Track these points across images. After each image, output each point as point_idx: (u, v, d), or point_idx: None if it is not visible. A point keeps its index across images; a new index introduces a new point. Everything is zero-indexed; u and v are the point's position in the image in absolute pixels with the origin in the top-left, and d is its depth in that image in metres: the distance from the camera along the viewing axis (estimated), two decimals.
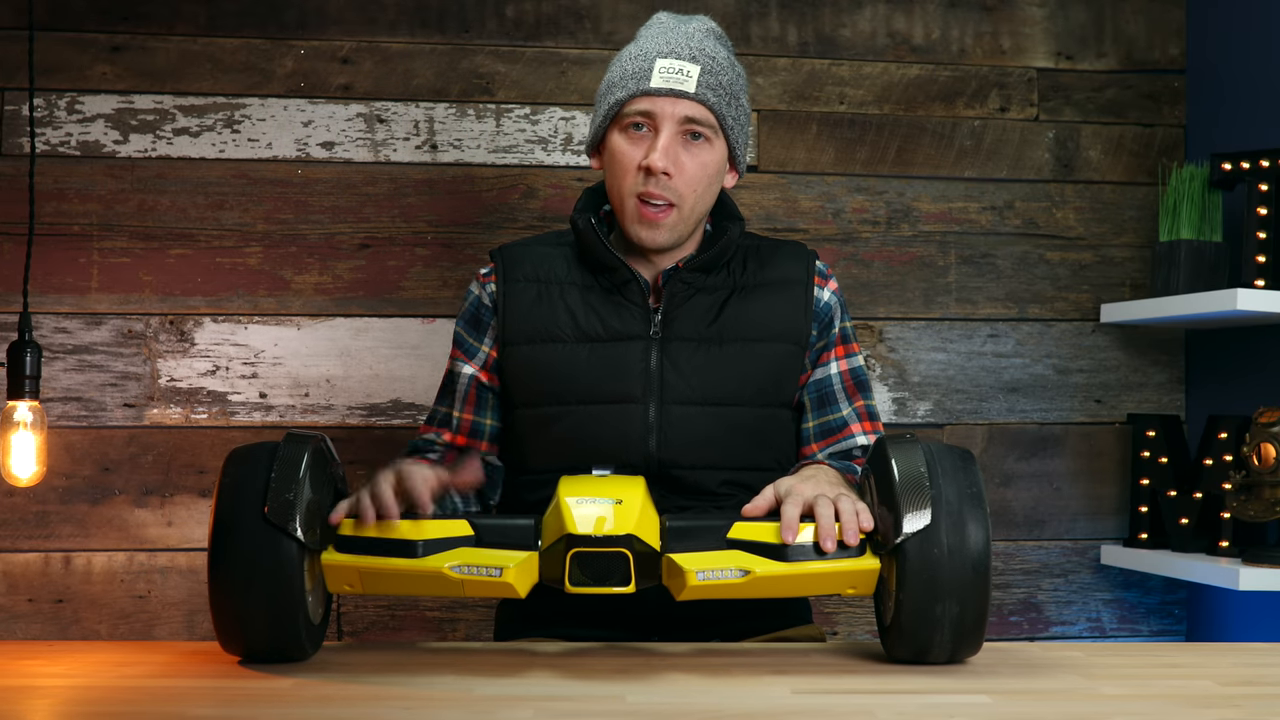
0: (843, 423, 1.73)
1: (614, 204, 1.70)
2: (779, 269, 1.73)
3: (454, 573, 1.26)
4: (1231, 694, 1.22)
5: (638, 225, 1.66)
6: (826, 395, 1.73)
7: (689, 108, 1.64)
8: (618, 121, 1.67)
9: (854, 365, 1.75)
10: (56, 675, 1.26)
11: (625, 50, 1.70)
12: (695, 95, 1.64)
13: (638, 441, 1.64)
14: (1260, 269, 2.22)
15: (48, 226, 2.30)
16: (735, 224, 1.72)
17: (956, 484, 1.26)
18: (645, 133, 1.66)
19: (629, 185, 1.66)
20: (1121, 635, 2.55)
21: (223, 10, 2.38)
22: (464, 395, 1.75)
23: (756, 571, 1.26)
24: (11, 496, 2.29)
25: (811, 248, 2.18)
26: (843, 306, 1.77)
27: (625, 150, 1.66)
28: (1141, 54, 2.60)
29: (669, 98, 1.64)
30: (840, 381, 1.74)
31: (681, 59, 1.65)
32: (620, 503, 1.28)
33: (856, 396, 1.74)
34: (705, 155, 1.66)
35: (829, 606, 2.46)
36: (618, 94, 1.66)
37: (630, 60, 1.67)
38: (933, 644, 1.27)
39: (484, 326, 1.75)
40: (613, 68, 1.70)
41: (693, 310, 1.69)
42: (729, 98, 1.68)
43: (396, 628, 2.38)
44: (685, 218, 1.67)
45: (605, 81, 1.71)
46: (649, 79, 1.64)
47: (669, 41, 1.67)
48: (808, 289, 1.73)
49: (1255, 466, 2.17)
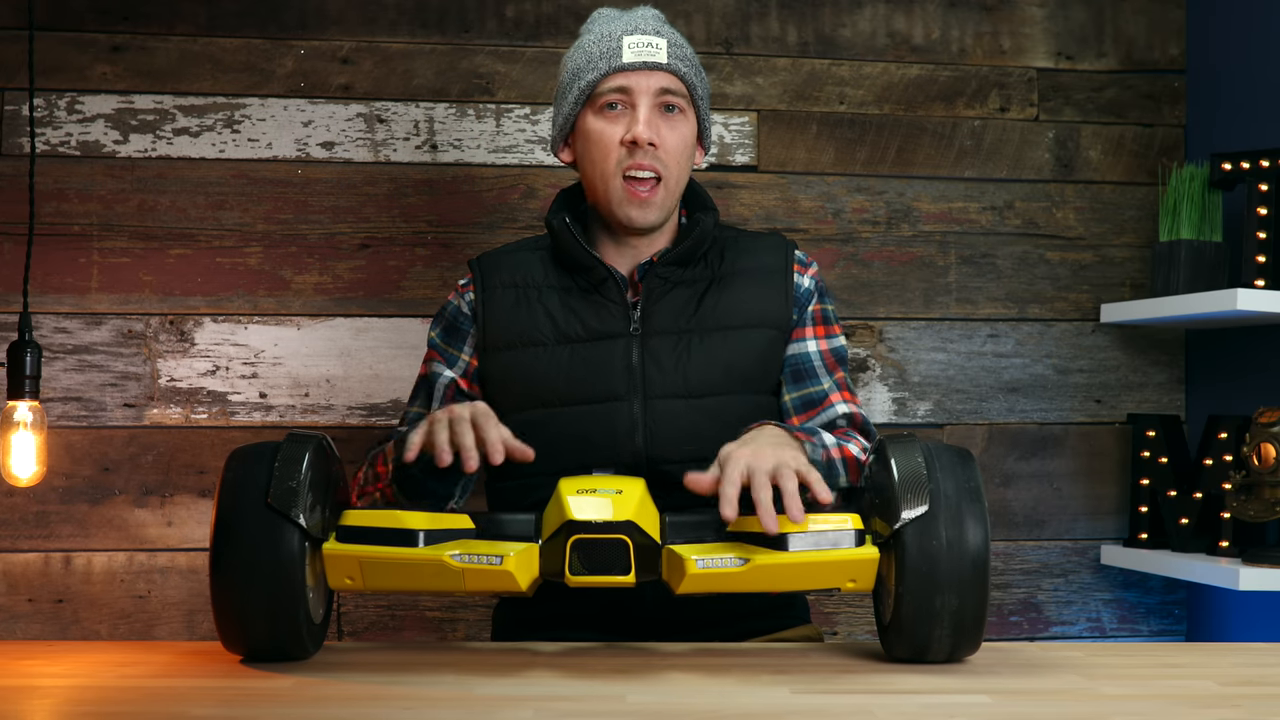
0: (823, 394, 1.72)
1: (597, 190, 1.69)
2: (758, 258, 1.73)
3: (455, 561, 1.26)
4: (1231, 694, 1.22)
5: (627, 206, 1.66)
6: (805, 370, 1.72)
7: (663, 79, 1.66)
8: (591, 104, 1.68)
9: (834, 345, 1.74)
10: (56, 675, 1.26)
11: (582, 39, 1.71)
12: (668, 66, 1.66)
13: (625, 439, 1.64)
14: (1260, 269, 2.22)
15: (48, 226, 2.30)
16: (709, 214, 1.72)
17: (955, 479, 1.27)
18: (621, 111, 1.66)
19: (613, 164, 1.66)
20: (1121, 635, 2.55)
21: (223, 10, 2.38)
22: (441, 398, 1.73)
23: (755, 560, 1.26)
24: (11, 496, 2.29)
25: (812, 248, 2.17)
26: (821, 291, 1.76)
27: (604, 130, 1.66)
28: (1141, 54, 2.60)
29: (643, 71, 1.65)
30: (821, 359, 1.73)
31: (648, 34, 1.67)
32: (620, 493, 1.29)
33: (837, 370, 1.74)
34: (682, 127, 1.68)
35: (828, 606, 2.46)
36: (589, 75, 1.66)
37: (595, 43, 1.68)
38: (932, 640, 1.27)
39: (462, 335, 1.74)
40: (573, 56, 1.71)
41: (672, 304, 1.69)
42: (696, 70, 1.71)
43: (396, 628, 2.38)
44: (671, 192, 1.68)
45: (568, 70, 1.71)
46: (620, 55, 1.65)
47: (630, 22, 1.69)
48: (788, 276, 1.73)
49: (1255, 466, 2.17)
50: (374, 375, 2.38)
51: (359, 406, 2.38)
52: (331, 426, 2.37)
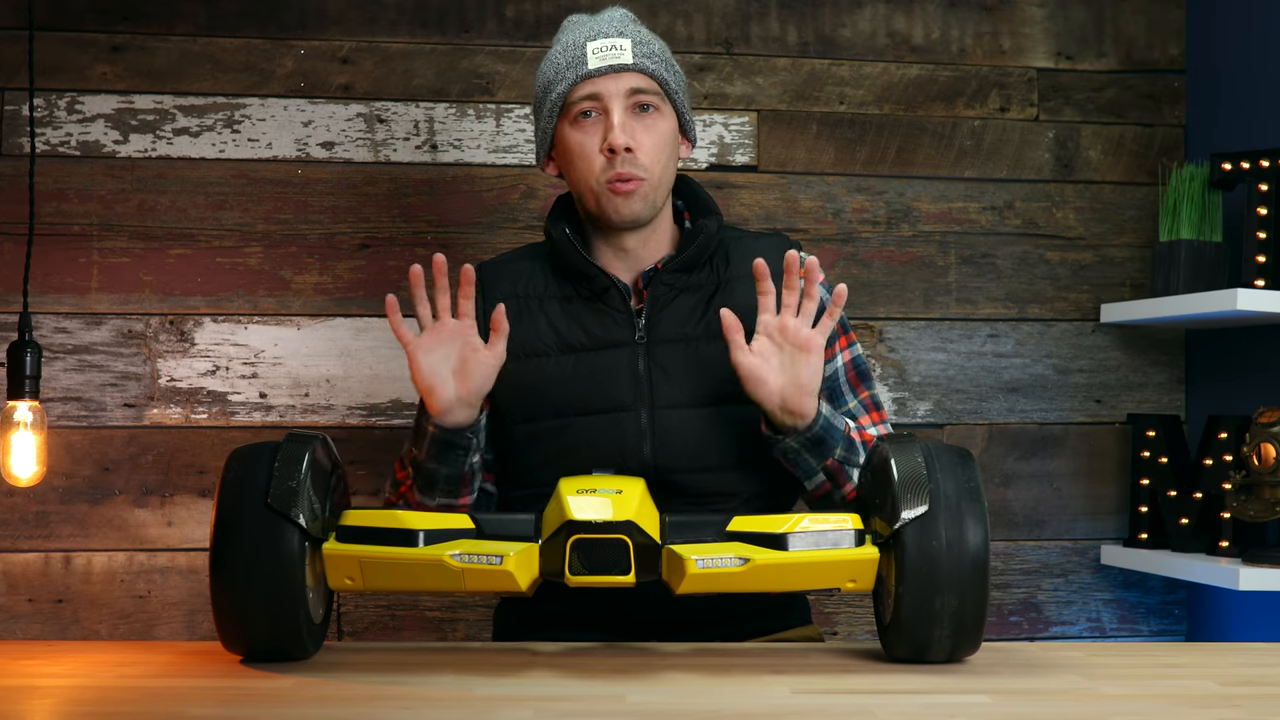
0: (851, 416, 1.72)
1: (585, 198, 1.68)
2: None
3: (455, 561, 1.26)
4: (1231, 694, 1.22)
5: (612, 201, 1.65)
6: (834, 390, 1.73)
7: (631, 79, 1.65)
8: (565, 115, 1.67)
9: (855, 355, 1.74)
10: (56, 675, 1.26)
11: (550, 52, 1.71)
12: (635, 65, 1.65)
13: (633, 449, 1.63)
14: (1260, 269, 2.22)
15: (48, 226, 2.30)
16: (712, 219, 1.71)
17: (955, 479, 1.27)
18: (595, 119, 1.65)
19: (595, 174, 1.65)
20: (1121, 635, 2.55)
21: (223, 10, 2.38)
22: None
23: (755, 560, 1.26)
24: (11, 496, 2.29)
25: (812, 248, 2.17)
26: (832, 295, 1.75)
27: (581, 141, 1.66)
28: (1141, 54, 2.60)
29: (610, 75, 1.65)
30: (844, 374, 1.73)
31: (610, 36, 1.66)
32: (620, 493, 1.29)
33: (860, 388, 1.74)
34: (660, 124, 1.67)
35: (828, 607, 2.46)
36: (559, 88, 1.66)
37: (560, 54, 1.68)
38: (932, 640, 1.27)
39: None
40: (543, 70, 1.71)
41: (677, 311, 1.68)
42: (665, 64, 1.69)
43: (396, 628, 2.38)
44: (655, 187, 1.66)
45: (539, 85, 1.71)
46: (585, 63, 1.64)
47: (593, 27, 1.68)
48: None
49: (1255, 466, 2.17)
50: (374, 375, 2.38)
51: (359, 406, 2.38)
52: (331, 426, 2.37)
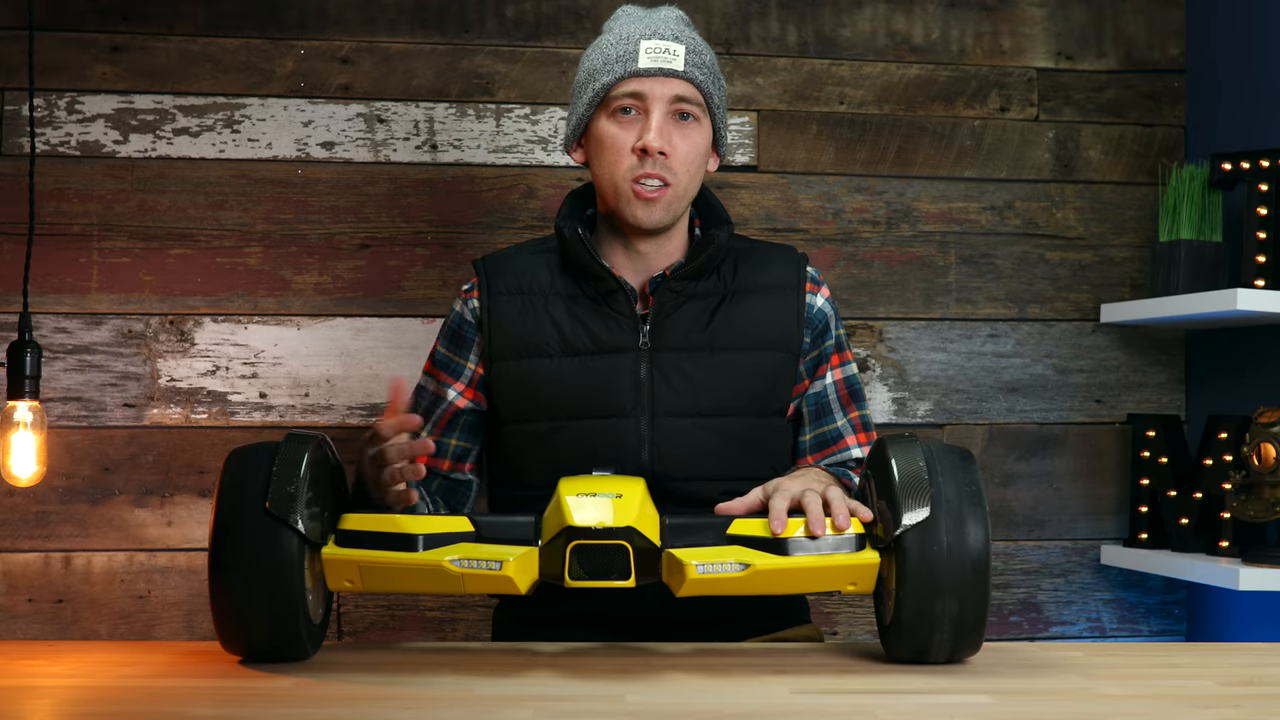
0: (838, 434, 1.72)
1: (605, 191, 1.67)
2: (770, 274, 1.71)
3: (454, 566, 1.26)
4: (1231, 694, 1.22)
5: (633, 205, 1.64)
6: (823, 407, 1.73)
7: (678, 86, 1.64)
8: (605, 107, 1.65)
9: (848, 374, 1.75)
10: (56, 675, 1.26)
11: (601, 39, 1.68)
12: (684, 74, 1.63)
13: (631, 455, 1.62)
14: (1260, 269, 2.22)
15: (48, 226, 2.30)
16: (723, 227, 1.69)
17: (956, 482, 1.26)
18: (634, 116, 1.64)
19: (623, 170, 1.64)
20: (1121, 635, 2.55)
21: (223, 10, 2.38)
22: (437, 421, 1.73)
23: (756, 565, 1.26)
24: (11, 496, 2.29)
25: (812, 248, 2.18)
26: (836, 314, 1.75)
27: (616, 135, 1.64)
28: (1141, 54, 2.60)
29: (658, 78, 1.63)
30: (835, 391, 1.73)
31: (665, 39, 1.64)
32: (620, 497, 1.28)
33: (851, 407, 1.74)
34: (696, 135, 1.65)
35: (828, 607, 2.46)
36: (604, 79, 1.64)
37: (612, 45, 1.65)
38: (932, 643, 1.27)
39: (468, 343, 1.72)
40: (590, 56, 1.68)
41: (683, 318, 1.67)
42: (713, 77, 1.68)
43: (396, 628, 2.38)
44: (679, 197, 1.65)
45: (584, 70, 1.68)
46: (636, 60, 1.63)
47: (649, 25, 1.66)
48: (799, 295, 1.71)
49: (1255, 466, 2.17)
50: (374, 375, 2.38)
51: (359, 406, 2.38)
52: (331, 426, 2.37)
